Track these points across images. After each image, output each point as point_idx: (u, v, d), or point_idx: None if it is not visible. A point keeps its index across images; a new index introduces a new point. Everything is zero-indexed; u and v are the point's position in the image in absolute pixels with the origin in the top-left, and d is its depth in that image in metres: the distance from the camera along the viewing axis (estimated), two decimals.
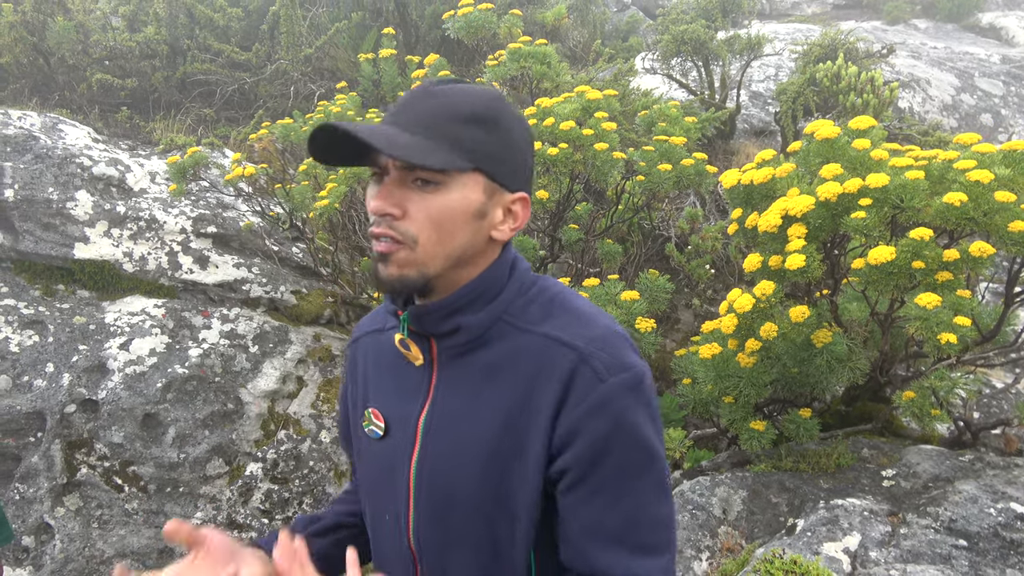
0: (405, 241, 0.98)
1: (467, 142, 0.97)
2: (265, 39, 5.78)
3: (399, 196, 0.98)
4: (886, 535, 2.36)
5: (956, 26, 9.03)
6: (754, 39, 5.32)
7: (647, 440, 1.00)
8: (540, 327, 1.03)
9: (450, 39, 5.01)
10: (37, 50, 5.24)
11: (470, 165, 0.98)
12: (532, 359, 1.01)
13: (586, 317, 1.03)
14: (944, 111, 6.59)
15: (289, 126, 4.18)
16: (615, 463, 0.99)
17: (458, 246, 1.00)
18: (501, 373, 1.02)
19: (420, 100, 0.99)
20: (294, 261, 4.34)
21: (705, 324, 3.05)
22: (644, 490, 1.00)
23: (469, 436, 1.02)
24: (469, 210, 1.00)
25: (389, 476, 1.10)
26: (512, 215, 1.05)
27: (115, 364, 3.53)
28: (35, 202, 3.81)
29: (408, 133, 0.96)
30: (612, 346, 1.01)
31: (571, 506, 1.00)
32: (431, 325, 1.04)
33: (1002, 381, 3.79)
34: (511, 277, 1.07)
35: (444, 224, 0.98)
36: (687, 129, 3.72)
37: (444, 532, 1.06)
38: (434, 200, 0.97)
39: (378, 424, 1.12)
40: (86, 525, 3.31)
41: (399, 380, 1.12)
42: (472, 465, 1.02)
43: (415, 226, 0.97)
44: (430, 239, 0.98)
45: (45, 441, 3.34)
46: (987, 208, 2.38)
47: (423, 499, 1.06)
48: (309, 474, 3.69)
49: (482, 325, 1.03)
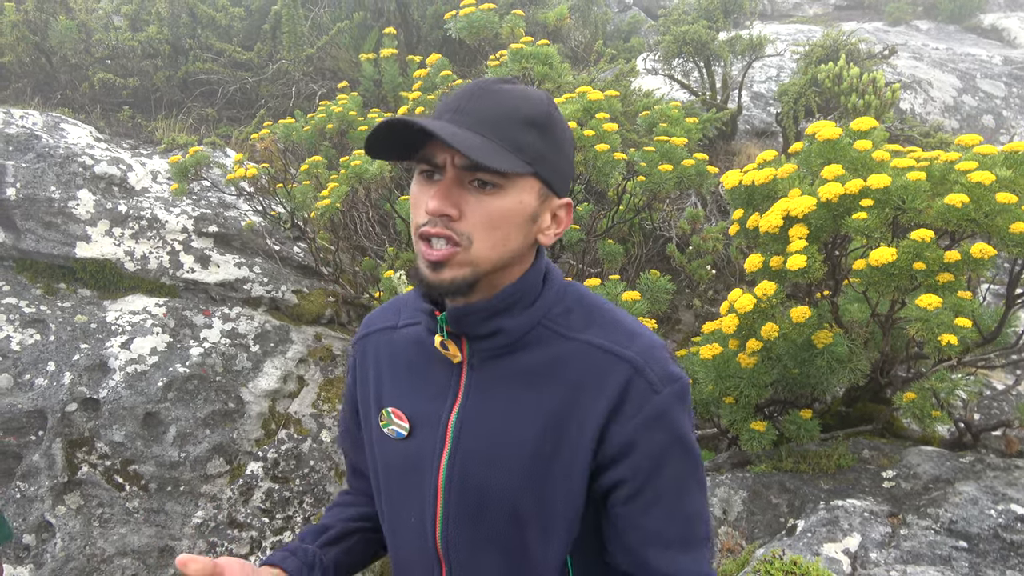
0: (461, 242, 0.97)
1: (526, 146, 0.97)
2: (267, 39, 5.79)
3: (457, 197, 0.97)
4: (886, 536, 2.36)
5: (958, 27, 9.02)
6: (755, 40, 5.32)
7: (694, 445, 1.05)
8: (583, 334, 1.04)
9: (452, 39, 5.02)
10: (39, 49, 5.25)
11: (530, 169, 0.98)
12: (577, 366, 1.02)
13: (628, 327, 1.05)
14: (946, 112, 6.59)
15: (291, 126, 4.18)
16: (672, 472, 1.02)
17: (510, 249, 1.00)
18: (542, 378, 1.03)
19: (479, 99, 0.98)
20: (295, 261, 4.34)
21: (706, 324, 3.05)
22: (694, 492, 1.05)
23: (506, 438, 1.02)
24: (524, 214, 1.00)
25: (414, 476, 1.09)
26: (556, 220, 1.06)
27: (116, 363, 3.54)
28: (37, 201, 3.82)
29: (475, 133, 0.95)
30: (660, 358, 1.03)
31: (629, 516, 1.03)
32: (470, 327, 1.04)
33: (1003, 383, 3.79)
34: (546, 282, 1.07)
35: (500, 227, 0.98)
36: (688, 130, 3.72)
37: (474, 533, 1.05)
38: (492, 203, 0.97)
39: (401, 424, 1.11)
40: (87, 524, 3.32)
41: (420, 379, 1.11)
42: (510, 467, 1.02)
43: (470, 227, 0.97)
44: (485, 241, 0.97)
45: (46, 440, 3.35)
46: (988, 209, 2.38)
47: (453, 499, 1.05)
48: (310, 473, 3.69)
49: (522, 329, 1.04)
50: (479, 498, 1.04)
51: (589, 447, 1.01)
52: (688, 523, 1.04)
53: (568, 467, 1.01)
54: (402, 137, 0.97)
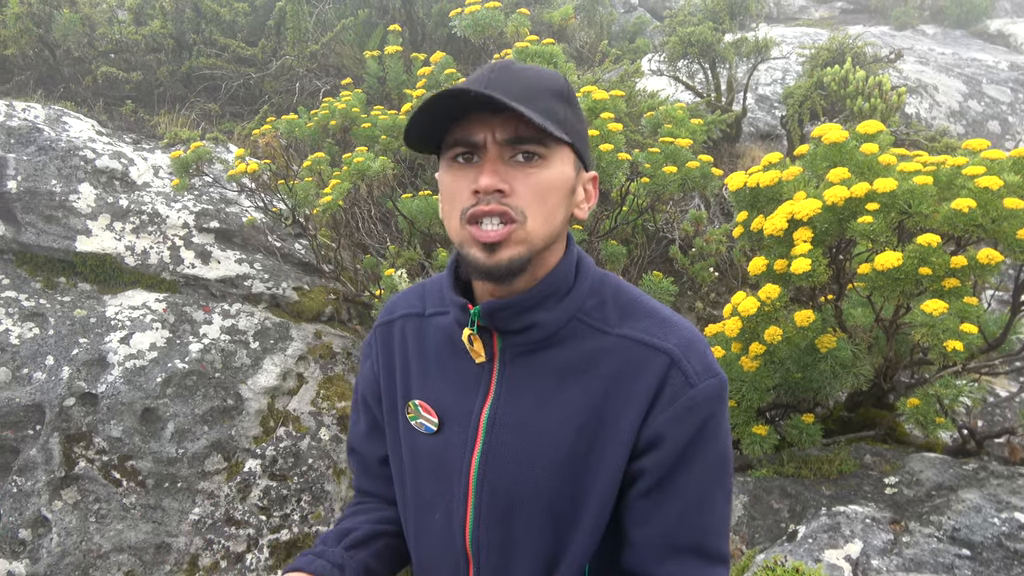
0: (516, 218, 0.94)
1: (560, 116, 0.96)
2: (271, 35, 5.77)
3: (504, 173, 0.94)
4: (888, 543, 2.34)
5: (964, 32, 8.99)
6: (761, 42, 5.30)
7: (724, 449, 1.00)
8: (619, 328, 1.01)
9: (456, 37, 5.00)
10: (43, 42, 5.23)
11: (567, 139, 0.96)
12: (613, 361, 0.99)
13: (669, 321, 1.02)
14: (951, 117, 6.56)
15: (293, 122, 4.17)
16: (696, 473, 0.98)
17: (558, 223, 0.98)
18: (577, 373, 0.99)
19: (504, 74, 0.96)
20: (296, 257, 4.33)
21: (708, 327, 3.03)
22: (716, 498, 0.99)
23: (541, 435, 0.99)
24: (567, 186, 0.98)
25: (442, 473, 1.06)
26: (587, 194, 1.04)
27: (115, 358, 3.52)
28: (38, 194, 3.80)
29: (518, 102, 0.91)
30: (700, 351, 1.00)
31: (643, 510, 0.99)
32: (504, 321, 1.01)
33: (1006, 390, 3.77)
34: (578, 273, 1.04)
35: (549, 199, 0.96)
36: (693, 131, 3.70)
37: (506, 534, 1.02)
38: (540, 174, 0.95)
39: (429, 418, 1.07)
40: (83, 519, 3.30)
41: (450, 372, 1.07)
42: (545, 465, 0.99)
43: (522, 202, 0.94)
44: (538, 215, 0.95)
45: (44, 434, 3.33)
46: (995, 215, 2.36)
47: (485, 500, 1.02)
48: (308, 471, 3.67)
49: (557, 323, 1.01)
50: (512, 498, 1.00)
51: (627, 444, 0.97)
52: (704, 533, 0.98)
53: (604, 466, 0.98)
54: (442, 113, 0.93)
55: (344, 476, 3.76)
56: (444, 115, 0.94)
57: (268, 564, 3.48)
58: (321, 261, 4.22)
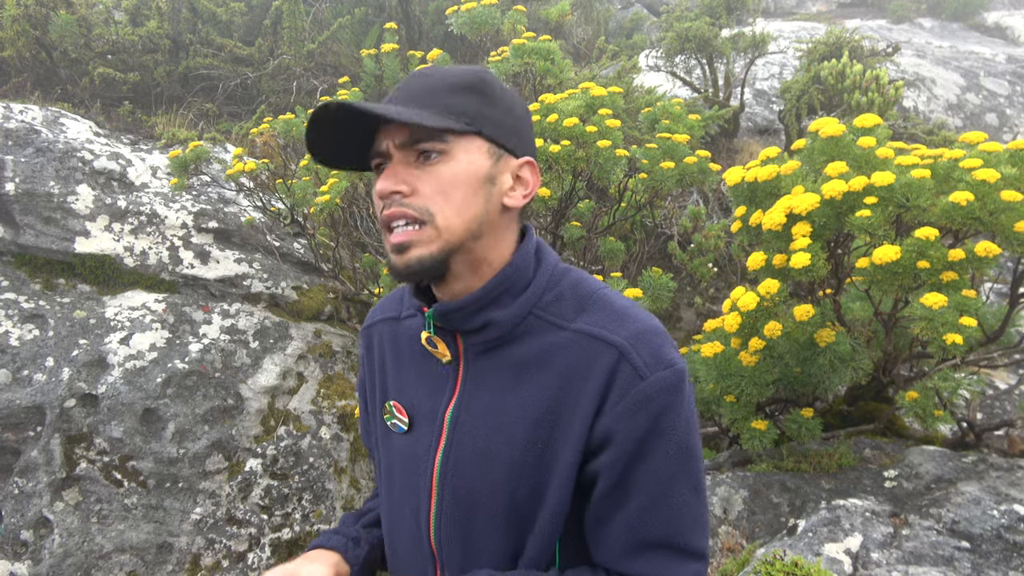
0: (421, 217, 0.95)
1: (462, 108, 0.96)
2: (268, 34, 5.76)
3: (404, 174, 0.96)
4: (888, 536, 2.34)
5: (962, 25, 8.99)
6: (758, 37, 5.29)
7: (685, 440, 0.97)
8: (574, 323, 0.99)
9: (453, 35, 5.00)
10: (39, 44, 5.23)
11: (470, 128, 0.96)
12: (567, 356, 0.98)
13: (623, 313, 1.00)
14: (949, 110, 6.56)
15: (291, 121, 4.16)
16: (655, 466, 0.96)
17: (472, 215, 0.97)
18: (533, 370, 0.99)
19: (413, 80, 0.99)
20: (295, 257, 4.33)
21: (707, 323, 3.04)
22: (680, 492, 0.97)
23: (500, 431, 1.00)
24: (478, 175, 0.97)
25: (412, 471, 1.08)
26: (521, 181, 1.02)
27: (115, 359, 3.52)
28: (36, 196, 3.80)
29: (403, 106, 0.95)
30: (652, 342, 0.97)
31: (606, 508, 0.98)
32: (459, 322, 1.01)
33: (1005, 382, 3.77)
34: (538, 268, 1.03)
35: (455, 192, 0.96)
36: (691, 127, 3.70)
37: (467, 528, 1.03)
38: (440, 169, 0.95)
39: (401, 419, 1.09)
40: (85, 520, 3.31)
41: (421, 373, 1.09)
42: (502, 461, 1.00)
43: (426, 200, 0.95)
44: (444, 209, 0.95)
45: (45, 435, 3.33)
46: (993, 208, 2.36)
47: (447, 496, 1.03)
48: (309, 470, 3.68)
49: (512, 320, 1.00)
50: (471, 494, 1.02)
51: (579, 438, 0.96)
52: (671, 528, 0.97)
53: (559, 463, 0.97)
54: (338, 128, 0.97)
55: (345, 474, 3.76)
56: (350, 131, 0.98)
57: (270, 563, 3.48)
58: (320, 260, 4.22)
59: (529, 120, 1.06)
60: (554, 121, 3.35)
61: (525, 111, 1.05)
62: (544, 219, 3.98)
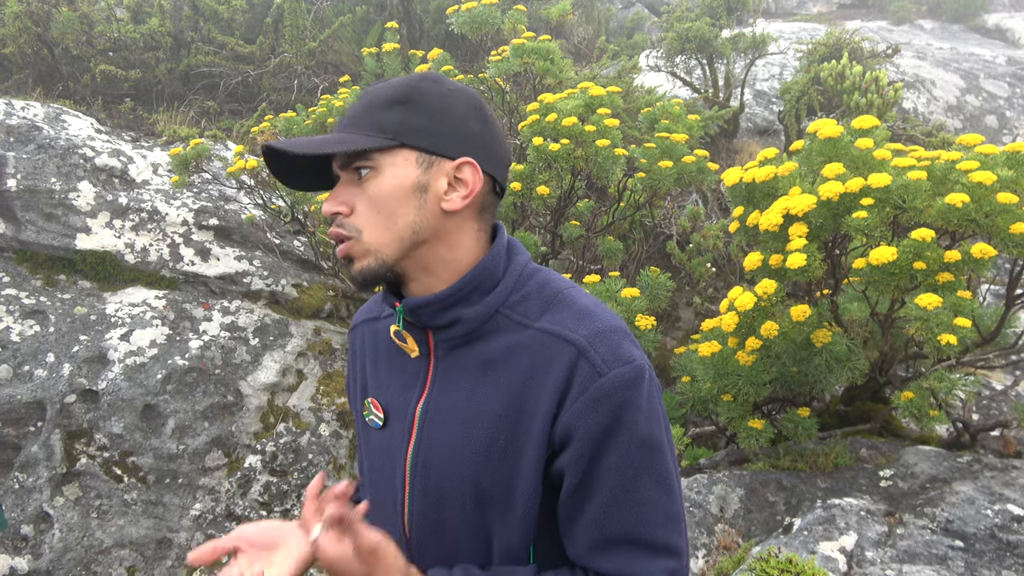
0: (352, 235, 1.01)
1: (387, 123, 1.00)
2: (269, 32, 5.78)
3: (346, 195, 1.02)
4: (883, 535, 2.36)
5: (962, 27, 9.00)
6: (759, 38, 5.31)
7: (648, 435, 0.98)
8: (537, 322, 1.01)
9: (454, 34, 5.01)
10: (41, 40, 5.24)
11: (391, 142, 0.99)
12: (529, 354, 1.00)
13: (585, 311, 1.01)
14: (949, 112, 6.57)
15: (292, 119, 4.18)
16: (617, 461, 0.96)
17: (404, 226, 1.00)
18: (497, 368, 1.01)
19: (359, 100, 1.04)
20: (295, 254, 4.34)
21: (705, 322, 3.05)
22: (645, 487, 0.97)
23: (465, 426, 1.02)
24: (405, 186, 1.00)
25: (388, 465, 1.11)
26: (461, 182, 1.03)
27: (115, 355, 3.54)
28: (37, 192, 3.82)
29: (339, 132, 1.02)
30: (611, 340, 0.98)
31: (573, 506, 0.99)
32: (428, 318, 1.04)
33: (1002, 383, 3.79)
34: (508, 268, 1.05)
35: (382, 207, 1.00)
36: (689, 127, 3.72)
37: (437, 521, 1.06)
38: (371, 187, 1.00)
39: (377, 414, 1.13)
40: (85, 515, 3.32)
41: (396, 370, 1.13)
42: (465, 458, 1.02)
43: (359, 219, 1.01)
44: (373, 225, 1.00)
45: (45, 431, 3.35)
46: (989, 210, 2.37)
47: (418, 488, 1.06)
48: (308, 467, 3.69)
49: (479, 318, 1.02)
50: (439, 488, 1.05)
51: (542, 436, 0.98)
52: (636, 523, 0.97)
53: (523, 457, 0.99)
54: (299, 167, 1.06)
55: (344, 471, 3.78)
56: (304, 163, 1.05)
57: None
58: (320, 258, 4.23)
59: (476, 115, 1.05)
60: (553, 120, 3.36)
61: (470, 111, 1.05)
62: (543, 218, 4.00)
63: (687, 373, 3.00)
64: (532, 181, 3.48)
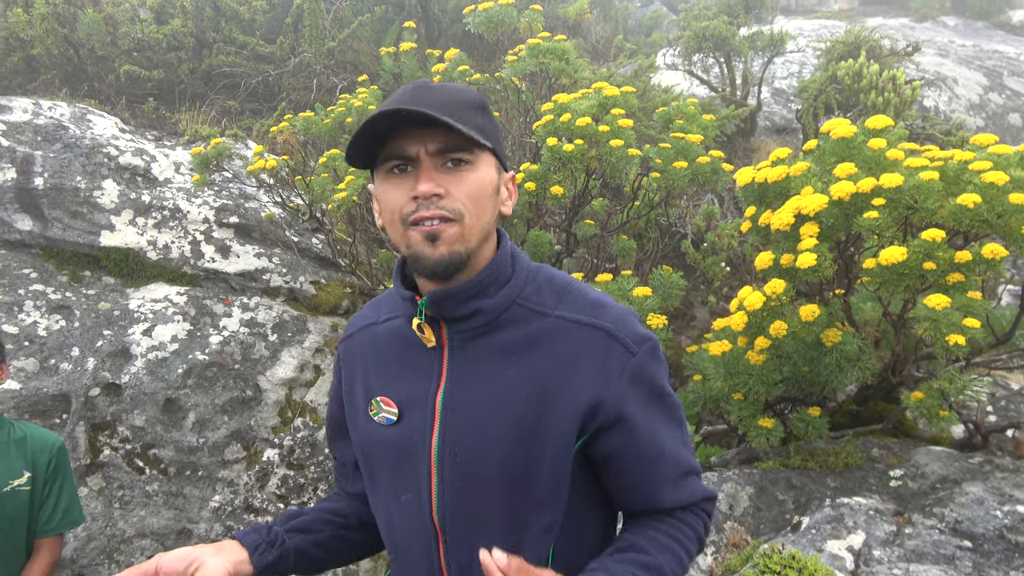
0: (454, 217, 1.06)
1: (480, 125, 1.08)
2: (289, 32, 5.85)
3: (439, 178, 1.06)
4: (891, 534, 2.37)
5: (986, 23, 8.88)
6: (776, 36, 5.29)
7: (672, 394, 1.17)
8: (557, 310, 1.12)
9: (471, 34, 5.04)
10: (67, 41, 5.36)
11: (489, 144, 1.08)
12: (555, 339, 1.10)
13: (597, 301, 1.14)
14: (971, 110, 6.50)
15: (311, 119, 4.24)
16: (661, 420, 1.14)
17: (488, 220, 1.10)
18: (521, 352, 1.10)
19: (428, 92, 1.08)
20: (313, 252, 4.41)
21: (716, 321, 3.07)
22: (676, 435, 1.17)
23: (491, 409, 1.09)
24: (493, 186, 1.11)
25: (407, 458, 1.14)
26: (509, 192, 1.17)
27: (138, 349, 3.62)
28: (63, 190, 3.91)
29: (444, 116, 1.03)
30: (629, 322, 1.13)
31: (623, 467, 1.14)
32: (450, 309, 1.11)
33: (1021, 384, 3.75)
34: (515, 265, 1.16)
35: (479, 199, 1.08)
36: (704, 127, 3.72)
37: (469, 503, 1.11)
38: (469, 177, 1.07)
39: (390, 411, 1.17)
40: (108, 505, 3.41)
41: (405, 366, 1.17)
42: (496, 436, 1.08)
43: (459, 203, 1.06)
44: (472, 214, 1.07)
45: (70, 423, 3.44)
46: (1001, 210, 2.36)
47: (447, 472, 1.11)
48: (324, 461, 3.76)
49: (498, 308, 1.11)
50: (470, 469, 1.10)
51: (576, 415, 1.08)
52: (687, 456, 1.17)
53: (552, 434, 1.08)
54: (379, 132, 1.05)
55: None
56: (379, 133, 1.06)
57: None
58: (337, 255, 4.30)
59: None
60: (567, 121, 3.39)
61: None
62: (558, 217, 4.02)
63: (699, 372, 3.02)
64: (546, 181, 3.51)
